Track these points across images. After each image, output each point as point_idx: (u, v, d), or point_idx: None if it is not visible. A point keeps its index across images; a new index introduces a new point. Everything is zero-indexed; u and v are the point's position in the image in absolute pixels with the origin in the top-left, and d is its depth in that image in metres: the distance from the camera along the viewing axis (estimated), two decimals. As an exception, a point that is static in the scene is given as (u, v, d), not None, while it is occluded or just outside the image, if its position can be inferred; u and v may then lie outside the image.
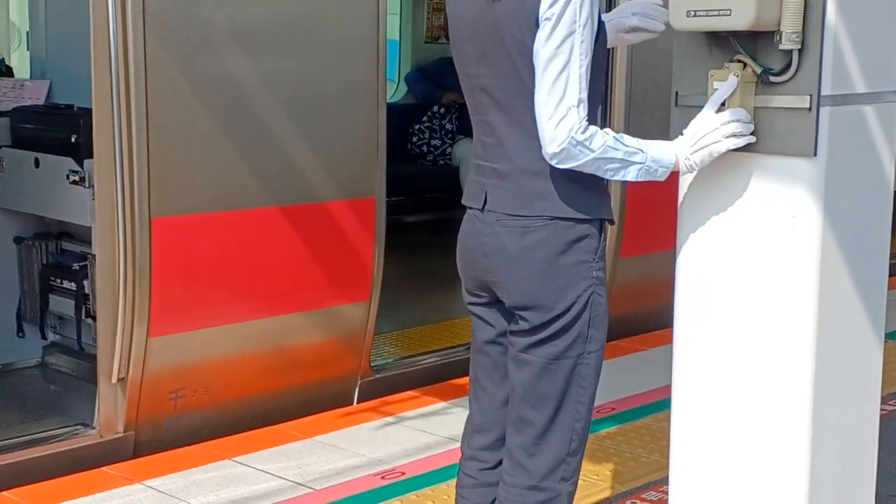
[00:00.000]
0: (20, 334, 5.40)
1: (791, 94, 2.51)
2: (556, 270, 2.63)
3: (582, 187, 2.64)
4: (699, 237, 2.70)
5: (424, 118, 8.63)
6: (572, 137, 2.51)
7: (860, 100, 2.58)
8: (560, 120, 2.52)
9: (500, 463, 2.84)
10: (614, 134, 2.57)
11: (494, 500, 2.84)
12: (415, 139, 8.64)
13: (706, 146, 2.56)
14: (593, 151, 2.53)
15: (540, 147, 2.57)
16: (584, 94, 2.54)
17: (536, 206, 2.63)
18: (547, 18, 2.52)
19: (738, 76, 2.53)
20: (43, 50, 5.86)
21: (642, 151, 2.57)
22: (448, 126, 8.57)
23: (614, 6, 5.64)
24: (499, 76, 2.65)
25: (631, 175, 2.58)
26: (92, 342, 4.83)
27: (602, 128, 2.59)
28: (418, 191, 8.24)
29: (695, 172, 2.67)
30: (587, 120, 2.54)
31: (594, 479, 4.07)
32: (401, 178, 6.90)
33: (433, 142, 8.61)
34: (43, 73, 5.85)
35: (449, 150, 8.54)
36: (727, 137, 2.55)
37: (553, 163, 2.56)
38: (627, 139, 2.57)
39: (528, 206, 2.64)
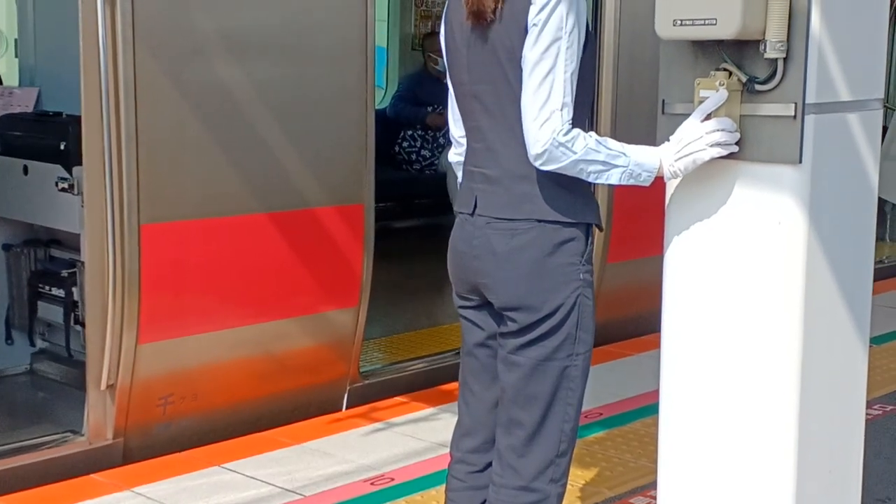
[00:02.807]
0: (9, 341, 5.39)
1: (776, 102, 2.53)
2: (544, 271, 2.67)
3: (568, 192, 2.68)
4: (686, 243, 2.72)
5: (419, 125, 8.61)
6: (555, 139, 2.56)
7: (845, 108, 2.60)
8: (544, 122, 2.57)
9: (488, 466, 2.87)
10: (598, 137, 2.61)
11: (483, 503, 2.86)
12: (405, 144, 8.61)
13: (690, 154, 2.59)
14: (575, 153, 2.57)
15: (528, 151, 2.61)
16: (569, 99, 2.59)
17: (524, 209, 2.68)
18: (534, 24, 2.58)
19: (723, 84, 2.55)
20: (32, 57, 5.86)
21: (625, 155, 2.61)
22: (441, 140, 8.55)
23: (600, 10, 5.68)
24: (489, 82, 2.70)
25: (614, 178, 2.61)
26: (81, 349, 4.82)
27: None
28: (407, 197, 8.25)
29: (679, 179, 2.69)
30: (571, 123, 2.58)
31: (582, 484, 4.09)
32: (389, 184, 6.92)
33: (423, 152, 8.59)
34: (32, 80, 5.85)
35: (437, 161, 8.53)
36: (711, 146, 2.57)
37: (537, 164, 2.61)
38: (611, 143, 2.61)
39: (516, 209, 2.69)
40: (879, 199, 2.92)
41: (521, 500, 2.75)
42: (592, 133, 2.62)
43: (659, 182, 2.74)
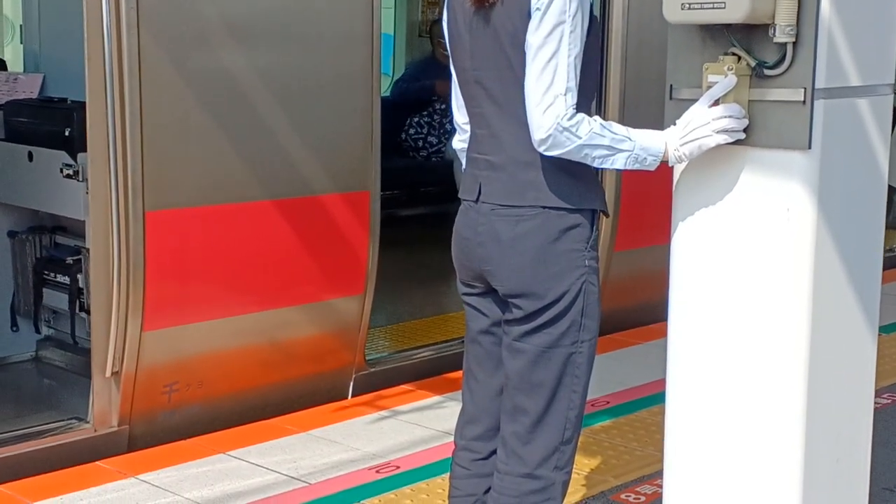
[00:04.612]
0: (14, 328, 5.39)
1: (785, 87, 2.50)
2: (549, 258, 2.66)
3: (573, 178, 2.66)
4: (693, 230, 2.70)
5: (425, 112, 8.57)
6: (559, 124, 2.54)
7: (854, 93, 2.58)
8: (547, 107, 2.55)
9: (492, 453, 2.86)
10: (602, 121, 2.59)
11: (487, 491, 2.85)
12: (412, 132, 8.57)
13: (696, 139, 2.57)
14: (580, 138, 2.55)
15: (531, 137, 2.59)
16: (573, 83, 2.57)
17: (528, 195, 2.66)
18: (538, 8, 2.57)
19: (731, 69, 2.53)
20: (37, 43, 5.85)
21: (630, 139, 2.59)
22: (448, 126, 8.51)
23: (609, 7, 5.65)
24: (492, 68, 2.68)
25: (619, 163, 2.59)
26: (86, 336, 4.82)
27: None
28: (413, 185, 8.23)
29: (684, 164, 2.66)
30: (575, 108, 2.56)
31: (589, 473, 4.08)
32: (396, 172, 6.90)
33: (430, 138, 8.56)
34: (37, 66, 5.84)
35: (444, 148, 8.50)
36: (718, 133, 2.55)
37: (541, 150, 2.59)
38: (616, 127, 2.59)
39: (520, 196, 2.67)
40: (889, 187, 2.90)
41: (526, 487, 2.75)
42: (597, 117, 2.61)
43: (668, 171, 2.72)
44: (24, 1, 5.98)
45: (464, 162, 2.91)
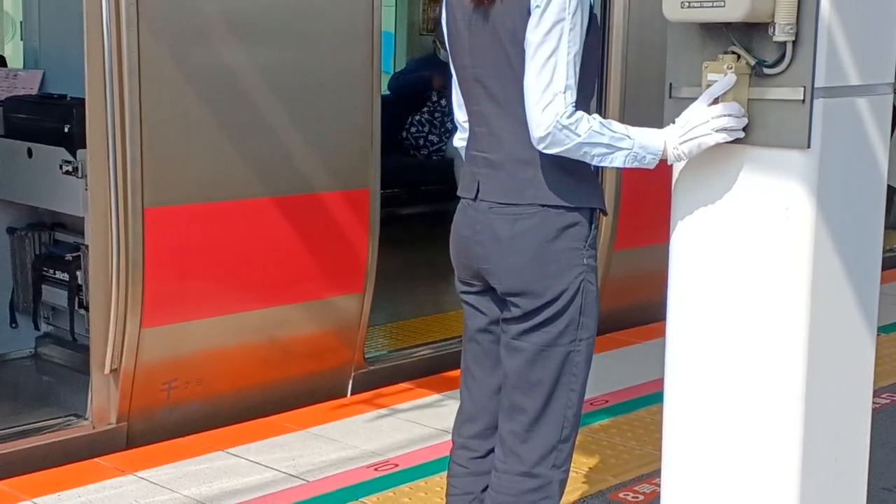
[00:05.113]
0: (13, 325, 5.39)
1: (785, 85, 2.50)
2: (548, 256, 2.66)
3: (571, 176, 2.66)
4: (692, 229, 2.69)
5: (425, 109, 8.54)
6: (558, 122, 2.54)
7: (854, 92, 2.57)
8: (547, 105, 2.55)
9: (490, 452, 2.86)
10: (601, 119, 2.59)
11: (485, 489, 2.85)
12: (413, 130, 8.55)
13: (695, 138, 2.56)
14: (579, 136, 2.55)
15: (531, 135, 2.59)
16: (572, 81, 2.57)
17: (527, 194, 2.66)
18: (537, 6, 2.57)
19: (731, 67, 2.52)
20: (36, 40, 5.85)
21: (629, 138, 2.58)
22: (448, 125, 8.49)
23: (610, 5, 5.65)
24: (491, 66, 2.68)
25: (618, 161, 2.59)
26: (85, 333, 4.82)
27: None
28: (413, 183, 8.23)
29: (683, 163, 2.66)
30: (574, 106, 2.56)
31: (587, 472, 4.08)
32: (396, 170, 6.90)
33: (431, 136, 8.55)
34: (36, 62, 5.85)
35: (445, 147, 8.48)
36: (717, 132, 2.54)
37: (540, 147, 2.59)
38: (615, 125, 2.59)
39: (519, 194, 2.67)
40: (889, 187, 2.89)
41: (524, 485, 2.75)
42: (596, 115, 2.61)
43: (668, 169, 2.71)
44: (25, -3, 5.98)
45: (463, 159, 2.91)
